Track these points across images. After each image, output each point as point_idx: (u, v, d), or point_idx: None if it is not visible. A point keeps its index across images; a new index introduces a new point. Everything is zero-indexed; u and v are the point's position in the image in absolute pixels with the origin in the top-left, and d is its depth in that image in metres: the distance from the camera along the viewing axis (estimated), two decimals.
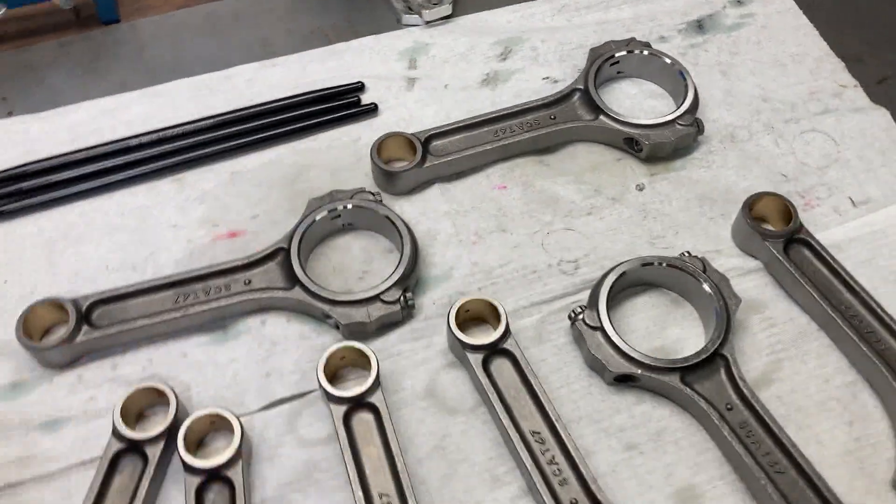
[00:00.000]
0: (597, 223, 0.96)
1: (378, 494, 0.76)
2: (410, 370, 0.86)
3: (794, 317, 0.89)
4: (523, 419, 0.80)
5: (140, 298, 0.87)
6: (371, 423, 0.80)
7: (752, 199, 0.92)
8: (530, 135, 0.99)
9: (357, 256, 0.93)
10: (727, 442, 0.79)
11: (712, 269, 0.88)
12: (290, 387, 0.84)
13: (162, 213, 0.96)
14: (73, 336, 0.83)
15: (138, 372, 0.85)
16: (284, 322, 0.88)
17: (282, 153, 1.01)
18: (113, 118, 1.03)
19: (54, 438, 0.81)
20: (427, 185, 0.98)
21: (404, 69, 1.09)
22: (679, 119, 0.99)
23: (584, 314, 0.86)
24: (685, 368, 0.82)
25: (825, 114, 1.05)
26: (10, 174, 0.97)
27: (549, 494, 0.76)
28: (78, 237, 0.94)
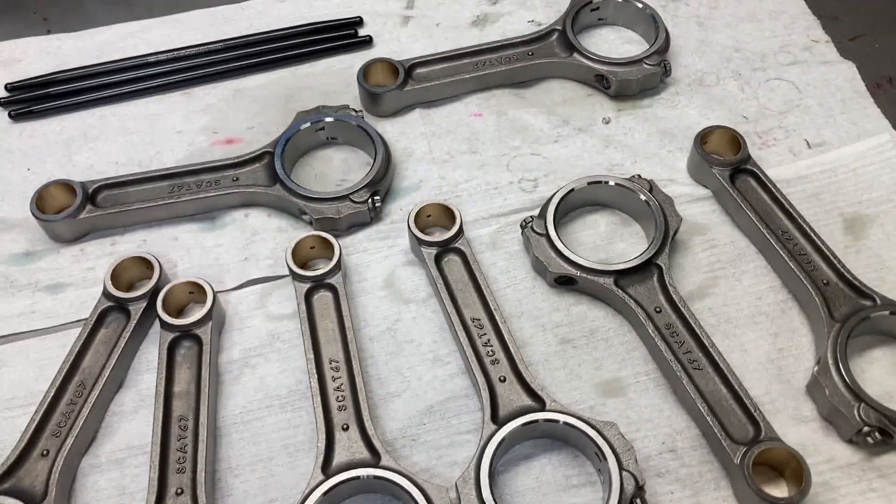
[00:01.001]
0: (561, 150, 1.03)
1: (328, 360, 0.85)
2: (374, 265, 0.95)
3: (734, 240, 0.95)
4: (466, 307, 0.88)
5: (140, 186, 0.97)
6: (330, 300, 0.89)
7: (704, 131, 0.99)
8: (508, 68, 1.07)
9: (337, 167, 1.03)
10: (652, 340, 0.86)
11: (658, 190, 0.95)
12: (263, 270, 0.94)
13: (169, 120, 1.07)
14: (77, 212, 0.94)
15: (133, 249, 0.96)
16: (265, 217, 0.98)
17: (282, 75, 1.11)
18: (137, 39, 1.15)
19: (56, 299, 0.92)
20: (409, 110, 1.07)
21: (401, 8, 1.18)
22: (647, 59, 1.05)
23: (534, 223, 0.93)
24: (620, 272, 0.89)
25: (793, 65, 1.10)
26: (42, 80, 1.09)
27: (480, 371, 0.84)
28: (95, 137, 1.06)
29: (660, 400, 0.85)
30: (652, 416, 0.84)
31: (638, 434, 0.82)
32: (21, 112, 1.06)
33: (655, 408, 0.85)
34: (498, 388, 0.83)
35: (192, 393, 0.84)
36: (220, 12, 1.18)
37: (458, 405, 0.85)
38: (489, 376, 0.84)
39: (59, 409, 0.82)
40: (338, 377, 0.84)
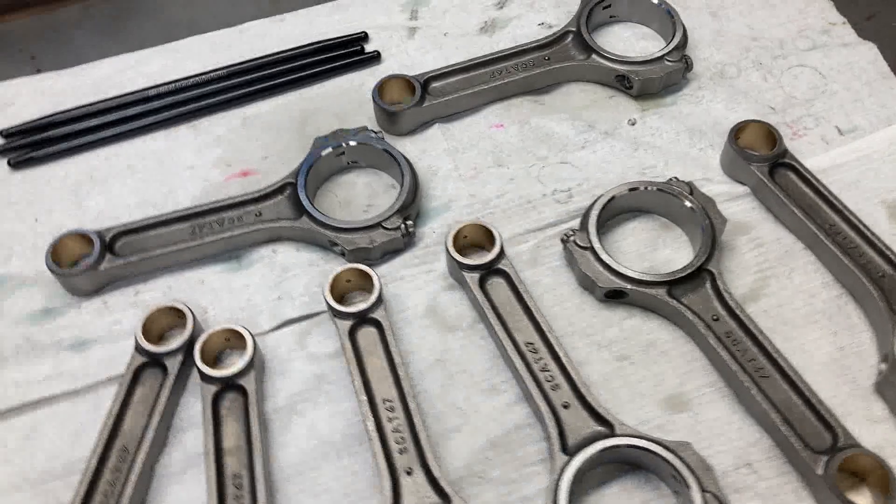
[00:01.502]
0: (590, 156, 1.00)
1: (382, 400, 0.81)
2: (413, 293, 0.91)
3: (780, 237, 0.93)
4: (517, 331, 0.85)
5: (159, 230, 0.93)
6: (375, 336, 0.85)
7: (738, 126, 0.96)
8: (525, 75, 1.03)
9: (361, 192, 0.99)
10: (713, 350, 0.83)
11: (699, 192, 0.92)
12: (299, 308, 0.90)
13: (179, 156, 1.02)
14: (97, 263, 0.89)
15: (159, 297, 0.91)
16: (294, 251, 0.94)
17: (290, 100, 1.07)
18: (134, 72, 1.09)
19: (83, 357, 0.87)
20: (427, 126, 1.04)
21: (406, 20, 1.14)
22: (668, 56, 1.03)
23: (576, 236, 0.90)
24: (672, 282, 0.86)
25: (813, 50, 1.08)
26: (39, 124, 1.03)
27: (542, 398, 0.80)
28: (102, 179, 1.00)
29: (728, 412, 0.83)
30: (722, 430, 0.82)
31: (710, 450, 0.80)
32: (21, 160, 1.00)
33: (724, 421, 0.82)
34: (563, 415, 0.80)
35: (242, 448, 0.79)
36: (218, 38, 1.13)
37: (522, 436, 0.82)
38: (552, 403, 0.80)
39: (104, 477, 0.78)
40: (394, 417, 0.80)
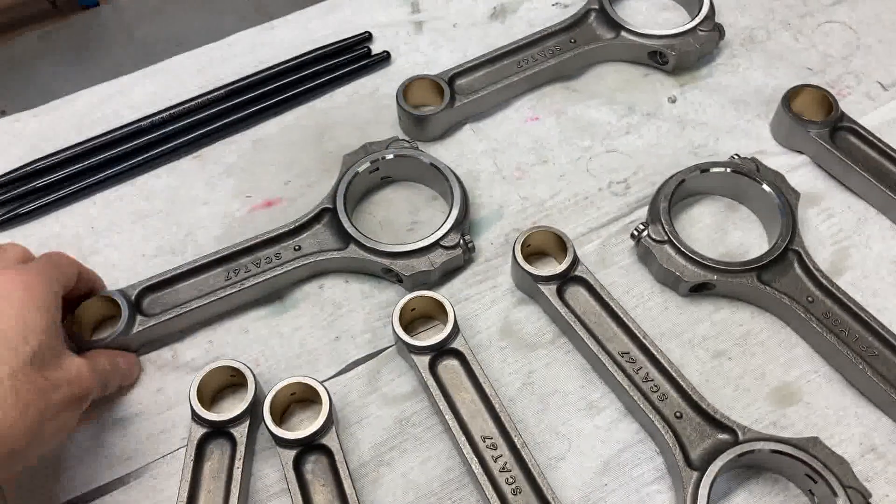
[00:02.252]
0: (637, 141, 0.94)
1: (481, 438, 0.74)
2: (482, 313, 0.83)
3: (850, 204, 0.89)
4: (609, 342, 0.79)
5: (190, 280, 0.82)
6: (458, 368, 0.77)
7: (790, 93, 0.91)
8: (554, 61, 0.96)
9: (401, 209, 0.90)
10: (816, 334, 0.79)
11: (765, 167, 0.87)
12: (363, 347, 0.81)
13: (189, 191, 0.91)
14: (128, 328, 0.78)
15: (202, 355, 0.81)
16: (343, 283, 0.85)
17: (301, 115, 0.97)
18: (117, 103, 0.97)
19: (128, 435, 0.77)
20: (458, 127, 0.95)
21: (408, 14, 1.05)
22: (700, 26, 0.97)
23: (649, 230, 0.84)
24: (760, 268, 0.81)
25: (837, 4, 1.04)
26: (20, 174, 0.91)
27: (653, 411, 0.74)
28: (105, 229, 0.89)
29: (840, 397, 0.78)
30: (839, 417, 0.77)
31: (832, 440, 0.75)
32: (7, 217, 0.88)
33: (839, 407, 0.78)
34: (678, 427, 0.74)
35: None
36: (205, 54, 1.01)
37: (633, 454, 0.76)
38: (664, 415, 0.74)
39: None
40: (498, 455, 0.73)
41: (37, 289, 0.66)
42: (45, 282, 0.68)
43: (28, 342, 0.62)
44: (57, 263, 0.72)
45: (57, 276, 0.71)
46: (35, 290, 0.66)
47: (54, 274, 0.70)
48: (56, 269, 0.71)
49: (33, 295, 0.65)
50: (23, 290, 0.65)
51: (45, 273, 0.69)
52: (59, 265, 0.72)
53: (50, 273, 0.70)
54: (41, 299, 0.66)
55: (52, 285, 0.69)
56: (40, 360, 0.63)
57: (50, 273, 0.70)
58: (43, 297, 0.66)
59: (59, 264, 0.72)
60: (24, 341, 0.62)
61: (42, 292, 0.66)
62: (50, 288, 0.68)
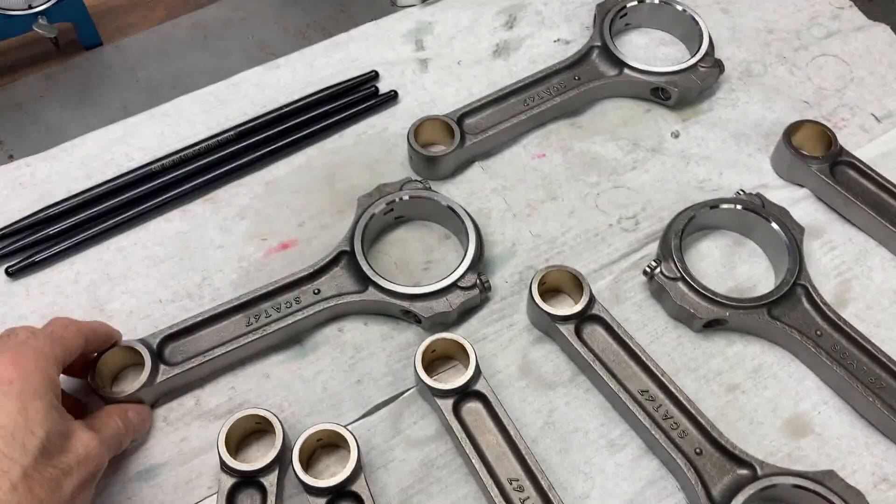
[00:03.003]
0: (643, 176, 0.96)
1: (507, 480, 0.75)
2: (500, 352, 0.85)
3: (851, 237, 0.92)
4: (628, 380, 0.80)
5: (211, 327, 0.83)
6: (481, 410, 0.79)
7: (790, 128, 0.94)
8: (559, 99, 0.98)
9: (415, 248, 0.91)
10: (825, 366, 0.81)
11: (770, 203, 0.90)
12: (385, 390, 0.82)
13: (203, 235, 0.91)
14: (152, 379, 0.78)
15: (225, 402, 0.81)
16: (362, 325, 0.86)
17: (311, 156, 0.97)
18: (125, 145, 0.97)
19: (154, 486, 0.77)
20: (467, 165, 0.97)
21: (412, 51, 1.06)
22: (701, 62, 0.99)
23: (661, 267, 0.86)
24: (770, 303, 0.83)
25: (830, 37, 1.07)
26: (33, 220, 0.90)
27: (674, 448, 0.76)
28: (121, 275, 0.89)
29: (850, 428, 0.81)
30: (850, 448, 0.80)
31: (845, 471, 0.77)
32: (21, 266, 0.88)
33: (850, 437, 0.80)
34: (698, 463, 0.76)
35: None
36: (211, 94, 1.02)
37: (657, 491, 0.77)
38: (685, 452, 0.76)
39: None
40: (525, 497, 0.74)
41: (34, 374, 0.63)
42: (43, 362, 0.65)
43: (35, 434, 0.61)
44: (60, 337, 0.70)
45: (57, 352, 0.68)
46: (32, 376, 0.63)
47: (55, 350, 0.68)
48: (57, 344, 0.68)
49: (32, 381, 0.63)
50: (21, 380, 0.62)
51: (42, 352, 0.66)
52: (63, 338, 0.70)
53: (48, 350, 0.67)
54: (40, 383, 0.63)
55: (49, 364, 0.66)
56: (49, 450, 0.61)
57: (48, 350, 0.67)
58: (42, 379, 0.64)
59: (62, 337, 0.70)
60: (31, 434, 0.60)
61: (40, 376, 0.64)
62: (48, 368, 0.65)
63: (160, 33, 1.08)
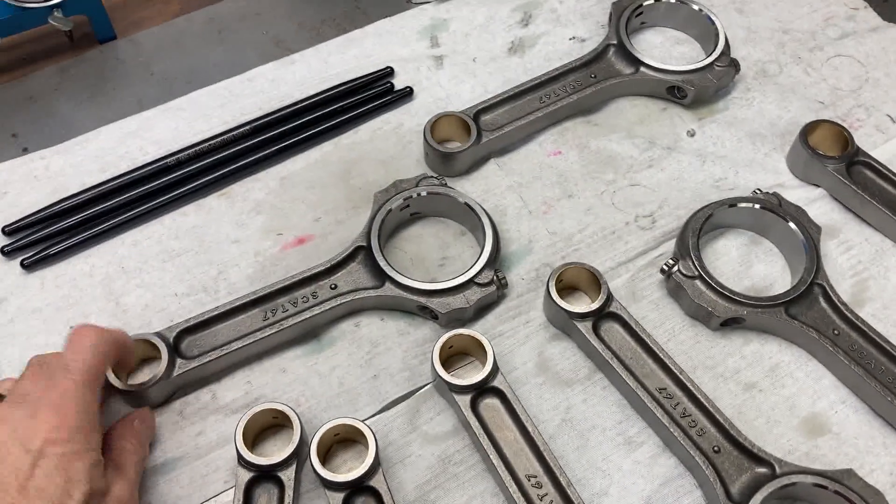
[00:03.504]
0: (659, 174, 0.96)
1: (525, 477, 0.75)
2: (516, 349, 0.85)
3: (868, 237, 0.92)
4: (646, 378, 0.80)
5: (227, 321, 0.82)
6: (498, 406, 0.78)
7: (806, 128, 0.94)
8: (576, 96, 0.98)
9: (431, 244, 0.91)
10: (842, 365, 0.81)
11: (787, 202, 0.90)
12: (402, 385, 0.82)
13: (218, 229, 0.91)
14: (168, 372, 0.78)
15: (241, 396, 0.81)
16: (379, 321, 0.85)
17: (326, 151, 0.97)
18: (140, 139, 0.97)
19: (170, 480, 0.77)
20: (482, 162, 0.97)
21: (427, 48, 1.06)
22: (717, 61, 0.99)
23: (679, 265, 0.85)
24: (788, 302, 0.83)
25: (844, 38, 1.07)
26: (48, 213, 0.90)
27: (692, 446, 0.76)
28: (136, 268, 0.88)
29: (867, 427, 0.81)
30: (868, 447, 0.80)
31: (863, 470, 0.77)
32: (36, 259, 0.87)
33: (867, 437, 0.80)
34: (717, 461, 0.76)
35: None
36: (226, 88, 1.01)
37: (674, 489, 0.77)
38: (703, 450, 0.76)
39: None
40: (543, 494, 0.74)
41: (79, 431, 0.62)
42: (86, 413, 0.64)
43: (73, 497, 0.60)
44: (95, 368, 0.67)
45: (97, 386, 0.66)
46: (78, 433, 0.62)
47: (93, 385, 0.66)
48: (94, 378, 0.66)
49: (76, 439, 0.62)
50: (64, 442, 0.61)
51: (85, 400, 0.64)
52: (97, 368, 0.67)
53: (90, 396, 0.65)
54: (84, 441, 0.63)
55: (92, 412, 0.65)
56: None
57: (90, 396, 0.65)
58: (85, 436, 0.63)
59: (96, 368, 0.67)
60: (70, 497, 0.60)
61: (85, 432, 0.63)
62: (91, 417, 0.64)
63: (175, 27, 1.08)
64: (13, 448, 0.60)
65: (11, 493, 0.58)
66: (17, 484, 0.59)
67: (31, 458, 0.60)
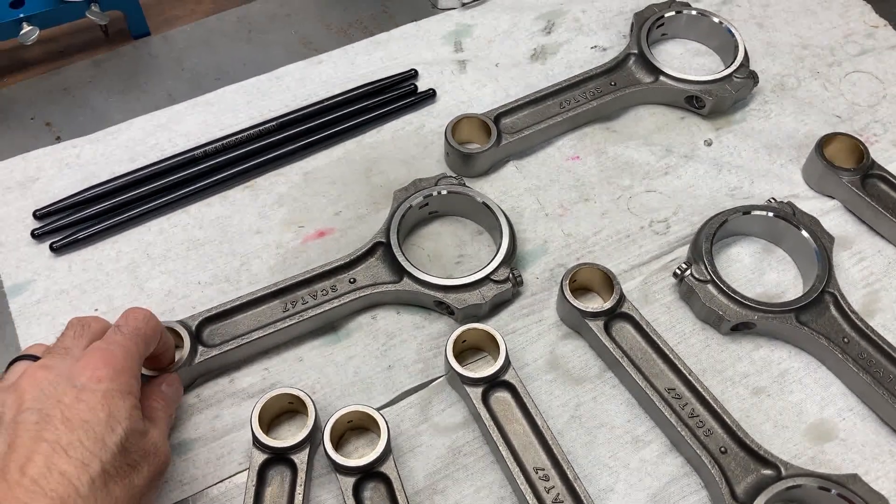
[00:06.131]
0: (675, 182, 0.97)
1: (533, 469, 0.76)
2: (528, 345, 0.86)
3: (880, 249, 0.92)
4: (655, 378, 0.81)
5: (249, 311, 0.84)
6: (509, 400, 0.80)
7: (822, 140, 0.95)
8: (595, 103, 1.00)
9: (448, 242, 0.93)
10: (851, 373, 0.82)
11: (801, 211, 0.91)
12: (415, 377, 0.84)
13: (242, 221, 0.94)
14: (190, 359, 0.80)
15: (258, 382, 0.83)
16: (395, 315, 0.87)
17: (349, 149, 1.00)
18: (169, 131, 1.00)
19: (187, 460, 0.79)
20: (501, 164, 0.99)
21: (451, 52, 1.08)
22: (735, 73, 1.01)
23: (691, 269, 0.87)
24: (799, 309, 0.84)
25: (864, 54, 1.09)
26: (77, 200, 0.93)
27: (699, 446, 0.77)
28: (161, 255, 0.91)
29: (874, 435, 0.81)
30: (874, 454, 0.80)
31: (868, 477, 0.78)
32: (65, 242, 0.90)
33: (874, 444, 0.81)
34: (723, 462, 0.77)
35: None
36: (254, 86, 1.04)
37: (680, 488, 0.78)
38: (710, 450, 0.77)
39: None
40: (550, 486, 0.75)
41: (122, 374, 0.65)
42: (130, 361, 0.67)
43: (115, 431, 0.62)
44: (143, 333, 0.70)
45: (142, 350, 0.69)
46: (120, 375, 0.65)
47: (140, 348, 0.69)
48: (141, 341, 0.69)
49: (119, 380, 0.64)
50: (109, 379, 0.64)
51: (129, 352, 0.67)
52: (146, 335, 0.70)
53: (135, 349, 0.68)
54: (126, 382, 0.65)
55: (135, 363, 0.67)
56: (126, 448, 0.63)
57: (135, 349, 0.68)
58: (127, 379, 0.65)
59: (145, 334, 0.70)
60: (112, 431, 0.62)
61: (126, 376, 0.65)
62: (134, 367, 0.67)
63: (206, 26, 1.11)
64: (59, 384, 0.63)
65: (55, 423, 0.60)
66: (60, 416, 0.61)
67: (75, 391, 0.62)
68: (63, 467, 0.59)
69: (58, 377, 0.63)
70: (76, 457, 0.59)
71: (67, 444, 0.60)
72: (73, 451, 0.59)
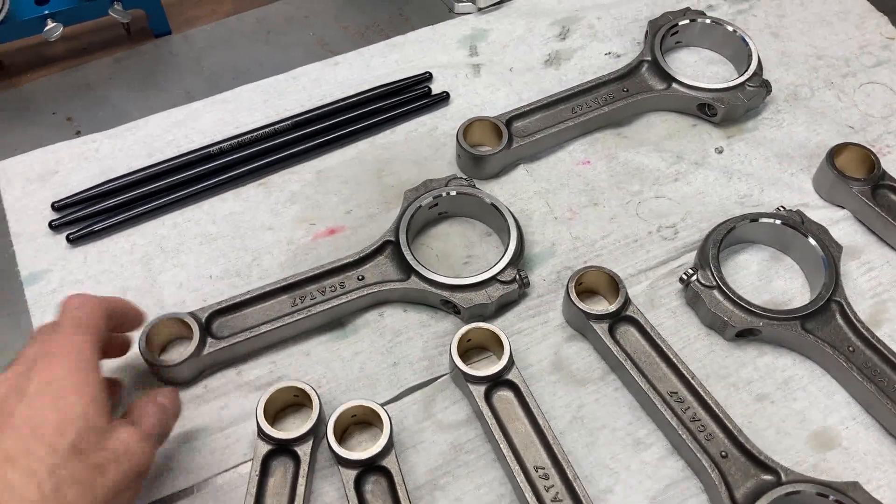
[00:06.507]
0: (685, 188, 0.98)
1: (533, 468, 0.77)
2: (533, 346, 0.87)
3: (889, 259, 0.92)
4: (658, 381, 0.82)
5: (258, 305, 0.86)
6: (512, 399, 0.81)
7: (833, 150, 0.95)
8: (607, 108, 1.00)
9: (457, 243, 0.94)
10: (856, 382, 0.82)
11: (809, 220, 0.91)
12: (420, 374, 0.85)
13: (255, 217, 0.95)
14: (199, 350, 0.82)
15: (265, 375, 0.84)
16: (402, 312, 0.88)
17: (362, 149, 1.01)
18: (185, 128, 1.02)
19: (192, 450, 0.80)
20: (512, 167, 0.99)
21: (466, 56, 1.09)
22: (748, 81, 1.01)
23: (698, 275, 0.87)
24: (804, 317, 0.84)
25: (879, 66, 1.09)
26: (93, 193, 0.95)
27: (700, 450, 0.77)
28: (174, 249, 0.93)
29: (877, 444, 0.81)
30: (876, 463, 0.80)
31: (870, 485, 0.78)
32: (81, 234, 0.92)
33: (876, 453, 0.81)
34: (723, 466, 0.77)
35: None
36: (271, 85, 1.06)
37: (680, 491, 0.79)
38: (710, 454, 0.77)
39: None
40: (550, 485, 0.76)
41: (73, 371, 0.62)
42: (78, 355, 0.64)
43: (65, 434, 0.59)
44: (85, 324, 0.67)
45: (90, 338, 0.66)
46: (72, 373, 0.62)
47: (86, 337, 0.66)
48: (85, 330, 0.66)
49: (71, 378, 0.62)
50: (59, 380, 0.62)
51: (75, 343, 0.64)
52: (87, 324, 0.67)
53: (80, 340, 0.65)
54: (78, 380, 0.63)
55: (87, 355, 0.65)
56: (81, 449, 0.60)
57: (80, 340, 0.65)
58: (80, 376, 0.63)
59: (87, 324, 0.67)
60: (61, 435, 0.59)
61: (78, 372, 0.63)
62: (85, 359, 0.64)
63: (226, 26, 1.13)
64: (9, 397, 0.61)
65: (4, 435, 0.59)
66: (9, 426, 0.59)
67: (25, 399, 0.61)
68: (10, 478, 0.57)
69: (8, 390, 0.62)
70: (24, 465, 0.58)
71: (16, 454, 0.58)
72: (21, 460, 0.58)
